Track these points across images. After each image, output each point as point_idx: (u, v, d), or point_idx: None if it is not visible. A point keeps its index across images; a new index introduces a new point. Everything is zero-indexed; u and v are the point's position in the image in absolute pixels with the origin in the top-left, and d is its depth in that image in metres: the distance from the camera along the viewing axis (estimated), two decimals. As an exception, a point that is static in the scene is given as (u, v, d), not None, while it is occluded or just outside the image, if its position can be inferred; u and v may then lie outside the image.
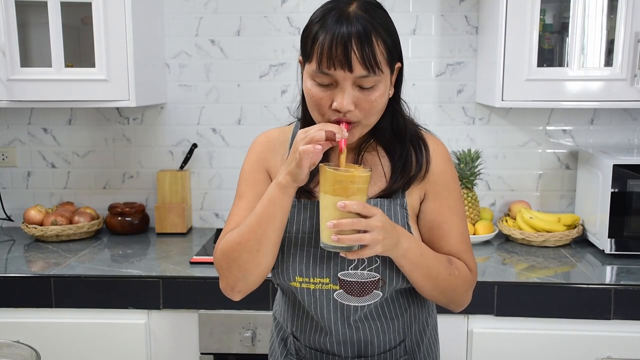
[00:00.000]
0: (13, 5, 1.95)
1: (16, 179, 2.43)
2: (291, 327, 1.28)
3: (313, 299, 1.20)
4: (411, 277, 1.16)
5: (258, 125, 2.35)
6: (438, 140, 1.27)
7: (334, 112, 1.11)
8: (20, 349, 1.04)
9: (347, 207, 1.03)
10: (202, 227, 2.43)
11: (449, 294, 1.21)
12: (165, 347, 1.84)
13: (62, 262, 1.95)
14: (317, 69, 1.09)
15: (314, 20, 1.12)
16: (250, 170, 1.28)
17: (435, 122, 2.30)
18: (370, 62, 1.07)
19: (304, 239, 1.19)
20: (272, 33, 2.31)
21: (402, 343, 1.25)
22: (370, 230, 1.04)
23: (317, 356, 1.25)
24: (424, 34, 2.29)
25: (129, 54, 1.97)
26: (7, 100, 2.00)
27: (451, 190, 1.24)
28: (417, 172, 1.20)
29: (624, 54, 1.92)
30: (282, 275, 1.20)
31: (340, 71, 1.07)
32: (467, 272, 1.23)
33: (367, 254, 1.05)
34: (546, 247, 2.13)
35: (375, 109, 1.13)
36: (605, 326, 1.74)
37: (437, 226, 1.22)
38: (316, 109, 1.13)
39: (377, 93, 1.11)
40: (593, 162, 2.11)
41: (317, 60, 1.09)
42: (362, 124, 1.13)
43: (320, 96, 1.11)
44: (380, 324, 1.22)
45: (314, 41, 1.10)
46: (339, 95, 1.09)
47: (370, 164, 1.23)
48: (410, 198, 1.22)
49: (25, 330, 1.81)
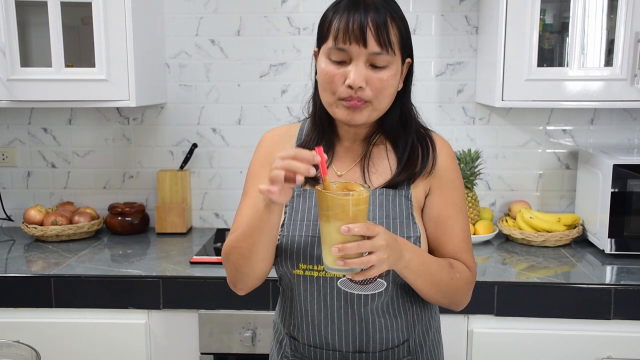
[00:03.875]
0: (13, 5, 1.95)
1: (16, 179, 2.43)
2: (289, 326, 1.28)
3: (316, 287, 1.20)
4: (414, 285, 1.17)
5: (258, 125, 2.35)
6: (444, 139, 1.30)
7: (345, 90, 1.15)
8: (20, 349, 1.04)
9: (351, 230, 1.01)
10: (202, 227, 2.43)
11: (451, 296, 1.23)
12: (165, 347, 1.84)
13: (62, 262, 1.95)
14: (333, 45, 1.15)
15: (331, 7, 1.19)
16: (257, 167, 1.30)
17: (435, 122, 2.30)
18: (384, 40, 1.12)
19: (309, 227, 1.20)
20: (272, 33, 2.31)
21: (405, 343, 1.25)
22: (376, 250, 1.03)
23: (317, 353, 1.24)
24: (424, 34, 2.29)
25: (129, 54, 1.97)
26: (7, 100, 2.00)
27: (456, 187, 1.26)
28: (422, 167, 1.23)
29: (624, 54, 1.92)
30: (286, 263, 1.20)
31: (355, 46, 1.12)
32: (467, 274, 1.24)
33: (373, 273, 1.04)
34: (546, 247, 2.13)
35: (387, 91, 1.17)
36: (605, 326, 1.74)
37: (442, 222, 1.24)
38: (329, 87, 1.17)
39: (388, 73, 1.15)
40: (593, 162, 2.11)
41: (333, 37, 1.15)
42: (373, 106, 1.17)
43: (333, 73, 1.15)
44: (383, 320, 1.21)
45: (331, 22, 1.16)
46: (351, 71, 1.13)
47: (377, 157, 1.26)
48: (415, 191, 1.24)
49: (25, 330, 1.81)
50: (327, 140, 1.28)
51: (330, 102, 1.19)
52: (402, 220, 1.21)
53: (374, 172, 1.25)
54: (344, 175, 1.26)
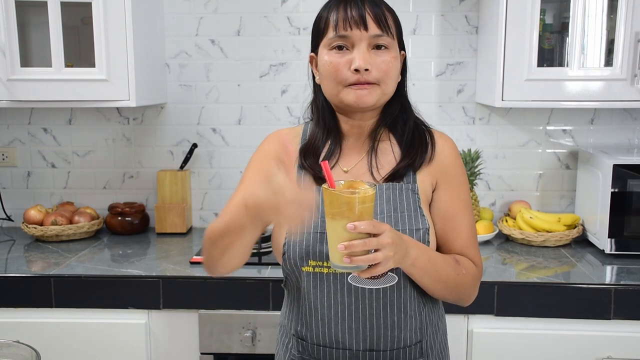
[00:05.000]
0: (13, 5, 1.95)
1: (16, 179, 2.43)
2: (296, 326, 1.26)
3: (326, 284, 1.19)
4: (421, 282, 1.18)
5: (258, 125, 2.35)
6: (447, 135, 1.33)
7: (352, 75, 1.18)
8: (20, 349, 1.04)
9: (357, 228, 1.01)
10: (202, 227, 2.43)
11: (458, 292, 1.24)
12: (165, 347, 1.84)
13: (62, 262, 1.95)
14: (334, 34, 1.18)
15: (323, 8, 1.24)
16: (257, 159, 1.31)
17: (435, 122, 2.29)
18: (383, 23, 1.19)
19: (317, 224, 1.19)
20: (272, 33, 2.31)
21: (418, 344, 1.24)
22: (382, 247, 1.03)
23: (327, 352, 1.22)
24: (424, 34, 2.29)
25: (129, 54, 1.97)
26: (7, 100, 2.00)
27: (461, 182, 1.28)
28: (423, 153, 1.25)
29: (624, 54, 1.92)
30: (295, 261, 1.20)
31: (356, 31, 1.17)
32: (473, 269, 1.25)
33: (379, 271, 1.05)
34: (546, 247, 2.13)
35: (391, 73, 1.21)
36: (605, 326, 1.74)
37: (450, 217, 1.25)
38: (334, 76, 1.19)
39: (391, 54, 1.20)
40: (593, 162, 2.11)
41: (333, 27, 1.19)
42: (381, 88, 1.20)
43: (338, 62, 1.19)
44: (397, 318, 1.20)
45: (327, 17, 1.20)
46: (356, 56, 1.17)
47: (383, 152, 1.28)
48: (421, 184, 1.25)
49: (25, 330, 1.81)
50: (332, 138, 1.29)
51: (337, 91, 1.20)
52: (409, 213, 1.21)
53: (380, 166, 1.26)
54: (350, 170, 1.27)
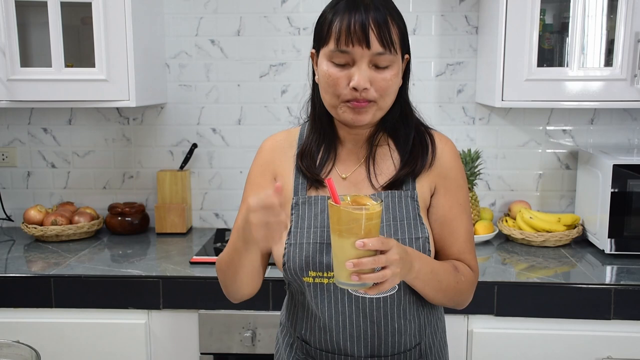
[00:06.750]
0: (13, 5, 1.95)
1: (16, 179, 2.43)
2: (299, 329, 1.26)
3: (327, 294, 1.19)
4: (423, 292, 1.18)
5: (258, 125, 2.35)
6: (447, 138, 1.30)
7: (350, 92, 1.14)
8: (20, 349, 1.04)
9: (366, 245, 1.00)
10: (202, 227, 2.43)
11: (456, 299, 1.24)
12: (165, 347, 1.84)
13: (62, 262, 1.95)
14: (335, 48, 1.13)
15: (328, 8, 1.17)
16: (256, 175, 1.29)
17: (435, 122, 2.29)
18: (387, 40, 1.12)
19: (316, 234, 1.19)
20: (272, 33, 2.31)
21: (417, 346, 1.24)
22: (390, 264, 1.02)
23: (329, 358, 1.23)
24: (424, 34, 2.29)
25: (129, 54, 1.97)
26: (7, 100, 2.00)
27: (460, 186, 1.26)
28: (423, 161, 1.23)
29: (624, 54, 1.92)
30: (295, 271, 1.19)
31: (358, 48, 1.11)
32: (471, 275, 1.25)
33: (386, 287, 1.04)
34: (546, 247, 2.13)
35: (390, 89, 1.16)
36: (605, 326, 1.74)
37: (448, 222, 1.24)
38: (332, 90, 1.16)
39: (391, 72, 1.15)
40: (593, 162, 2.11)
41: (335, 40, 1.13)
42: (378, 105, 1.17)
43: (337, 76, 1.14)
44: (397, 324, 1.21)
45: (330, 23, 1.14)
46: (355, 73, 1.13)
47: (381, 157, 1.25)
48: (420, 190, 1.23)
49: (25, 330, 1.81)
50: (328, 143, 1.27)
51: (334, 105, 1.18)
52: (409, 221, 1.20)
53: (379, 172, 1.24)
54: (348, 177, 1.25)
